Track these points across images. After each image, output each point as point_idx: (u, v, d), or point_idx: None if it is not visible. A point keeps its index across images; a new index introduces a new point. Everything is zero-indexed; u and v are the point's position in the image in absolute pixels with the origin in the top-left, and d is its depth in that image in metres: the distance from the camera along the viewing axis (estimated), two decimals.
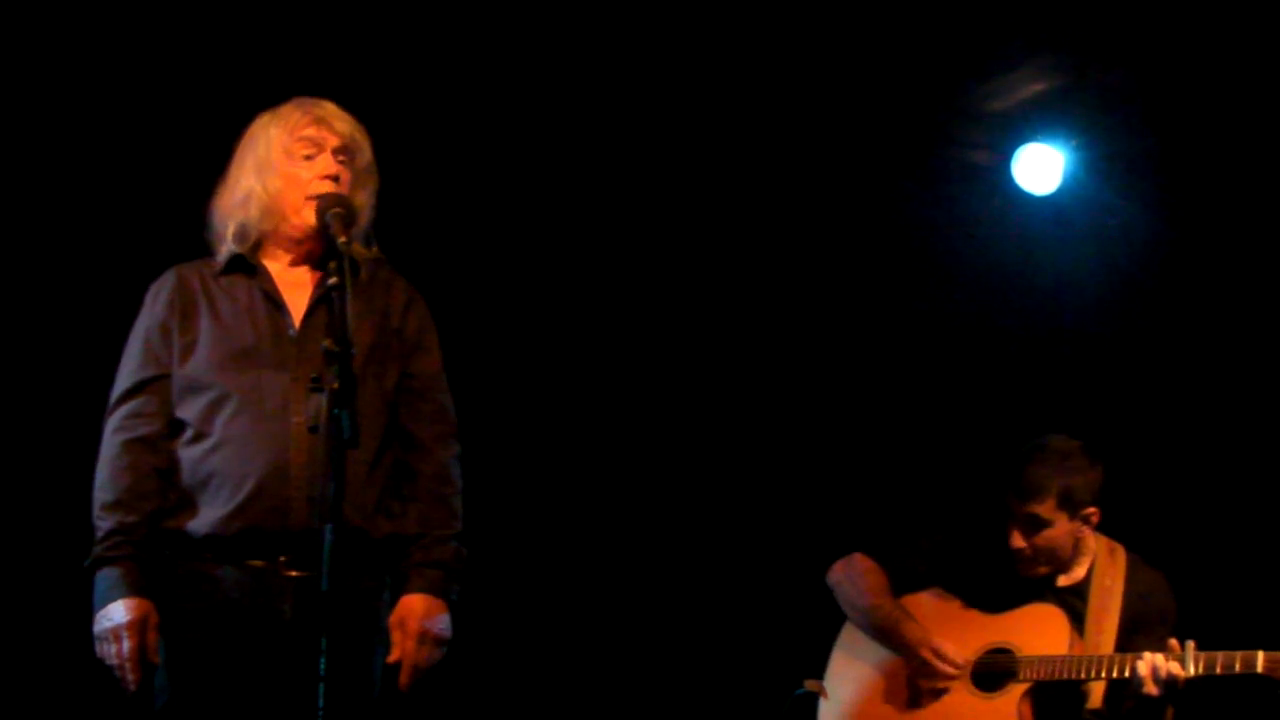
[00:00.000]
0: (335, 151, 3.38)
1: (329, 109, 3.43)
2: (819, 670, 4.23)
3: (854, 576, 4.19)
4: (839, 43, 4.91)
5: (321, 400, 3.06)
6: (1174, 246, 5.20)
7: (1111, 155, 5.22)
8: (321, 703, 2.84)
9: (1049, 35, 4.91)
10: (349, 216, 3.25)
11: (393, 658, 3.28)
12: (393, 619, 3.30)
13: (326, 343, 2.93)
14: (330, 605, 2.84)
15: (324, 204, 3.27)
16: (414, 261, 3.62)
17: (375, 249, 3.46)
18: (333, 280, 3.02)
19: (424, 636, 3.29)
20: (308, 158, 3.37)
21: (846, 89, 5.07)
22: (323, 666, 2.84)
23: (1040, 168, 5.22)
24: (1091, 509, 3.99)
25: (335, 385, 2.89)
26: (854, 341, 5.48)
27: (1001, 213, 5.35)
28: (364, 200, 3.40)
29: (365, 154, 3.43)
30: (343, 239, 3.15)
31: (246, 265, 3.40)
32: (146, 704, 3.28)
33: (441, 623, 3.33)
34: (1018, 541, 3.95)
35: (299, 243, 3.40)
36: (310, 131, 3.38)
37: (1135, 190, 5.24)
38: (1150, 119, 5.09)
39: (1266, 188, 5.04)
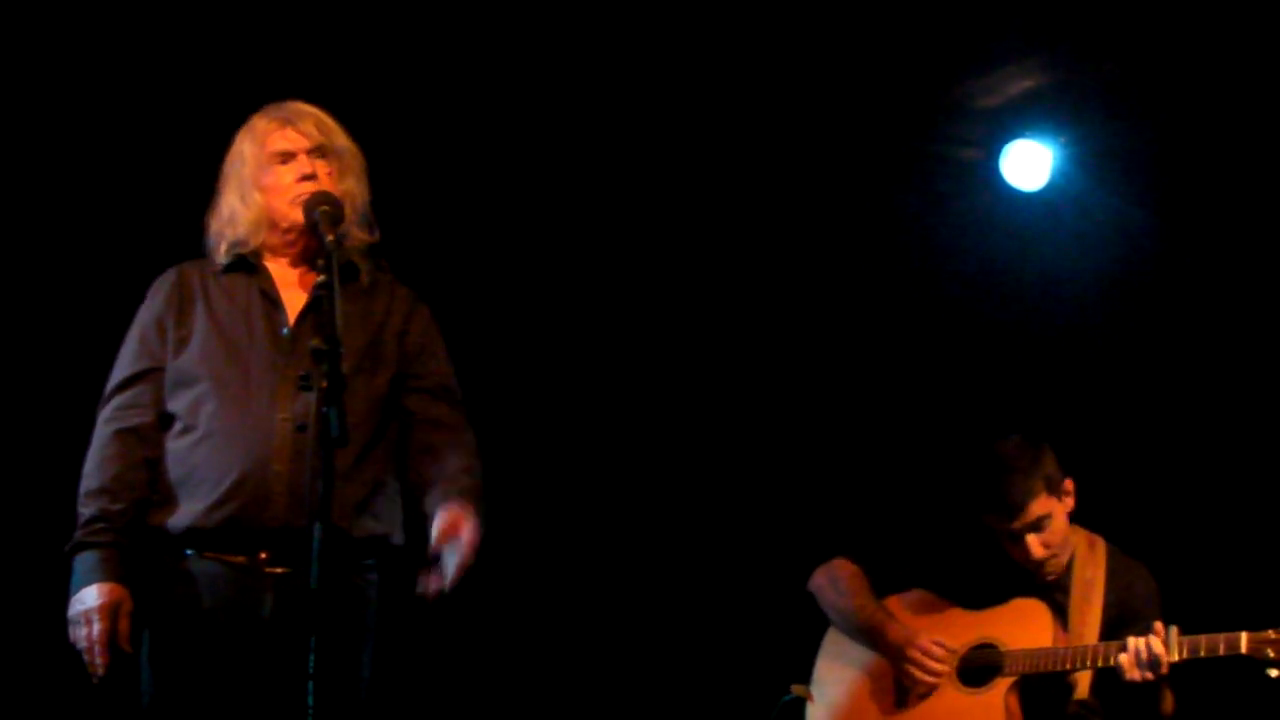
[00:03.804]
0: (309, 152, 3.42)
1: (293, 109, 3.48)
2: (805, 676, 4.24)
3: (836, 580, 4.21)
4: (828, 38, 4.91)
5: (309, 399, 3.10)
6: (1163, 242, 5.21)
7: (1100, 151, 5.22)
8: (311, 701, 2.84)
9: (1038, 31, 4.91)
10: (335, 214, 3.28)
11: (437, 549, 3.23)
12: (442, 525, 3.23)
13: (315, 341, 2.94)
14: (319, 603, 2.85)
15: (311, 203, 3.30)
16: (412, 263, 3.64)
17: (378, 234, 3.49)
18: (320, 279, 3.03)
19: (474, 532, 3.24)
20: (283, 163, 3.42)
21: (835, 85, 5.08)
22: (311, 664, 2.84)
23: (1029, 164, 5.22)
24: (1067, 480, 4.02)
25: (324, 384, 2.90)
26: (839, 339, 5.48)
27: (990, 209, 5.35)
28: (351, 185, 3.45)
29: (340, 141, 3.48)
30: (330, 237, 3.17)
31: (248, 265, 3.45)
32: (133, 701, 3.30)
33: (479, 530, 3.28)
34: (1038, 551, 3.94)
35: (292, 243, 3.44)
36: (279, 138, 3.44)
37: (1124, 186, 5.24)
38: (1139, 115, 5.08)
39: (1256, 183, 5.04)
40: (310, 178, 3.39)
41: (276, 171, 3.41)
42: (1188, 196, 5.15)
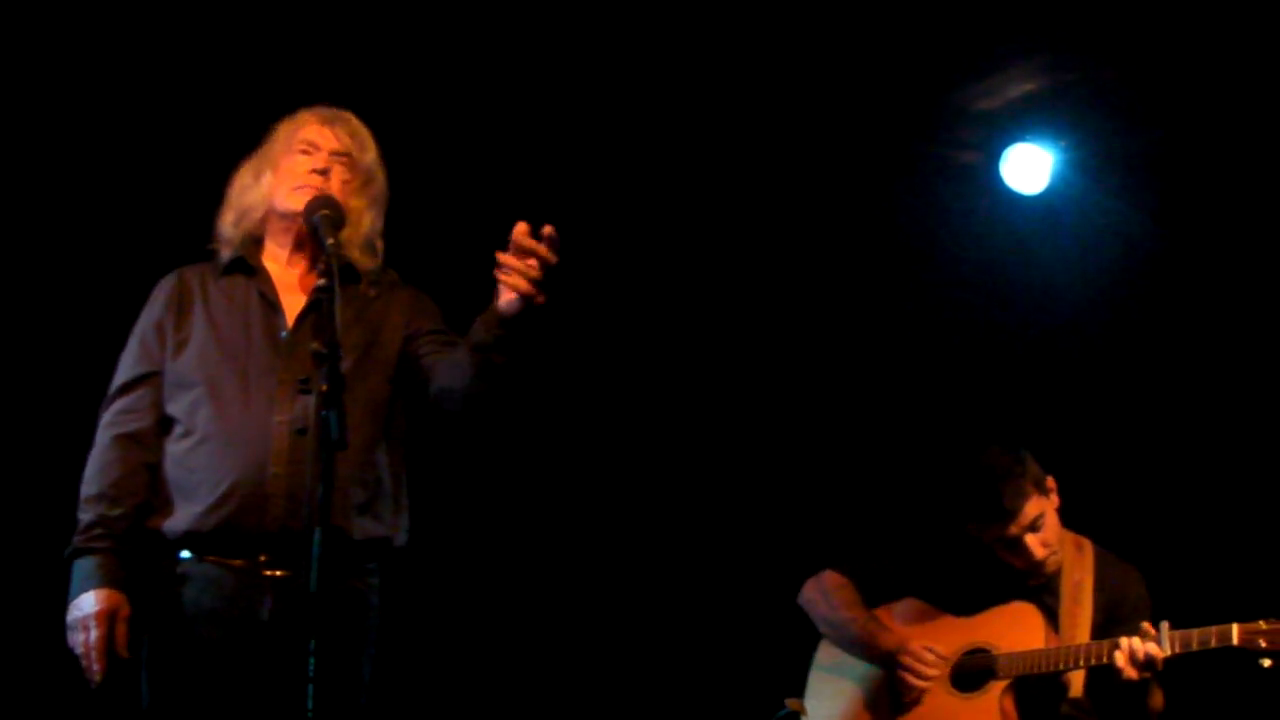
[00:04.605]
0: (334, 154, 3.45)
1: (339, 114, 3.52)
2: (798, 689, 4.24)
3: (825, 593, 4.22)
4: (828, 42, 4.91)
5: (309, 402, 3.12)
6: (1162, 245, 5.21)
7: (1100, 155, 5.23)
8: (310, 704, 2.82)
9: (1038, 35, 4.91)
10: (336, 218, 3.28)
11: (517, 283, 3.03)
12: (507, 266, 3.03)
13: (314, 344, 2.94)
14: (318, 606, 2.85)
15: (312, 206, 3.30)
16: (417, 266, 3.66)
17: (380, 260, 3.50)
18: (320, 282, 3.04)
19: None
20: (304, 153, 3.44)
21: (835, 88, 5.08)
22: (311, 668, 2.82)
23: (1029, 167, 5.24)
24: (1049, 478, 4.04)
25: (324, 387, 2.90)
26: (838, 343, 5.49)
27: (990, 213, 5.36)
28: (362, 205, 3.45)
29: (368, 160, 3.49)
30: (331, 240, 3.17)
31: (246, 267, 3.46)
32: (133, 705, 3.31)
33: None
34: (1039, 551, 3.95)
35: (286, 229, 3.45)
36: (312, 131, 3.47)
37: (1124, 190, 5.25)
38: (1139, 119, 5.09)
39: (1255, 186, 5.04)
40: (322, 173, 3.41)
41: (295, 158, 3.44)
42: (1188, 200, 5.16)
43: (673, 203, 5.28)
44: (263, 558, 3.26)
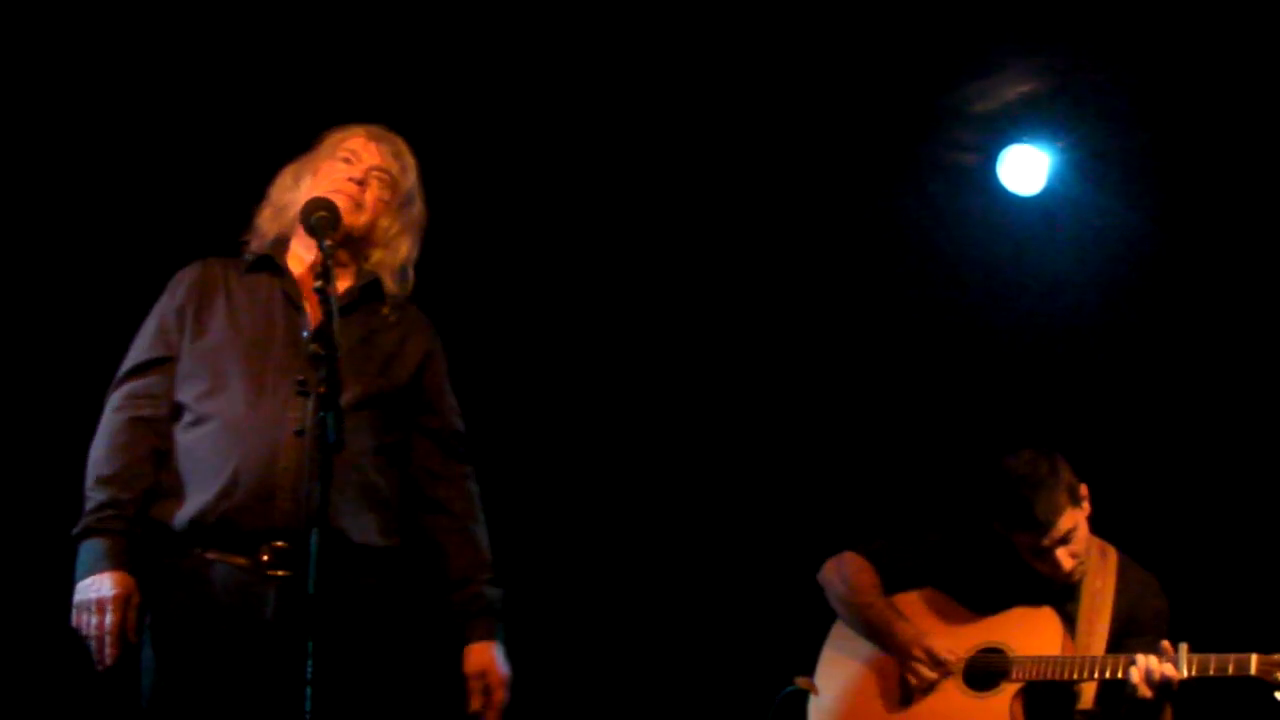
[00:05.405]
0: (374, 169, 3.49)
1: (388, 135, 3.56)
2: (809, 668, 4.22)
3: (845, 575, 4.18)
4: (826, 43, 4.92)
5: (309, 403, 3.09)
6: (1159, 246, 5.22)
7: (1097, 155, 5.23)
8: (308, 706, 2.81)
9: (1035, 36, 4.91)
10: (332, 219, 3.28)
11: (475, 707, 3.44)
12: (471, 669, 3.44)
13: (313, 346, 2.94)
14: (317, 608, 2.83)
15: (308, 207, 3.30)
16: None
17: (409, 289, 3.53)
18: (318, 284, 3.04)
19: (505, 684, 3.48)
20: (345, 161, 3.48)
21: (832, 89, 5.08)
22: (310, 669, 2.81)
23: (1026, 168, 5.24)
24: (1082, 486, 3.99)
25: (321, 389, 2.89)
26: (840, 341, 5.49)
27: (987, 213, 5.35)
28: (394, 227, 3.50)
29: (408, 184, 3.54)
30: (328, 242, 3.17)
31: (273, 265, 3.47)
32: (133, 698, 3.29)
33: (507, 665, 3.51)
34: (1068, 563, 3.91)
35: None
36: (358, 143, 3.52)
37: (1121, 190, 5.25)
38: (1135, 119, 5.10)
39: (1253, 186, 5.05)
40: (359, 183, 3.45)
41: (334, 165, 3.48)
42: (1184, 200, 5.16)
43: (677, 207, 5.28)
44: (265, 557, 3.22)
